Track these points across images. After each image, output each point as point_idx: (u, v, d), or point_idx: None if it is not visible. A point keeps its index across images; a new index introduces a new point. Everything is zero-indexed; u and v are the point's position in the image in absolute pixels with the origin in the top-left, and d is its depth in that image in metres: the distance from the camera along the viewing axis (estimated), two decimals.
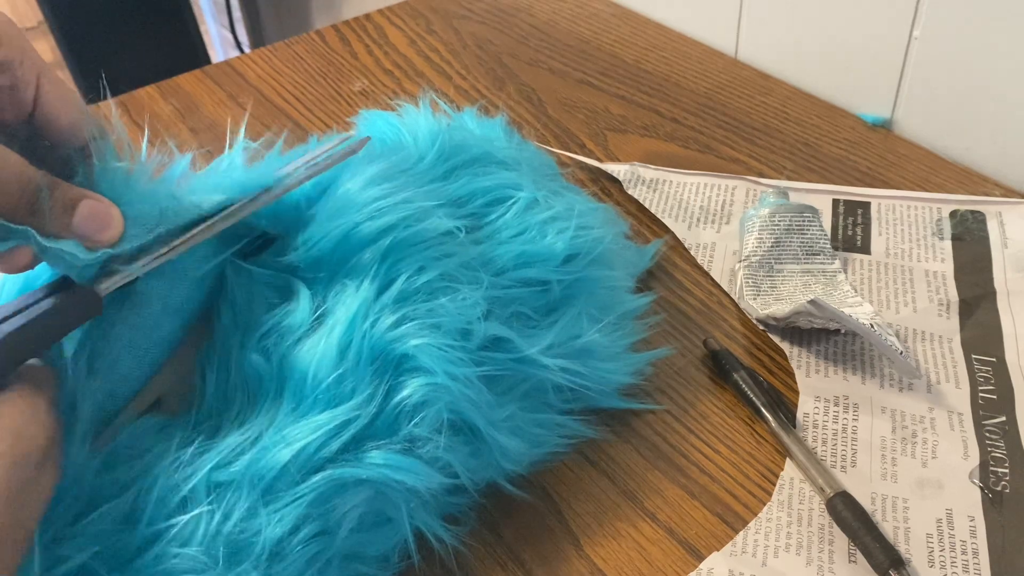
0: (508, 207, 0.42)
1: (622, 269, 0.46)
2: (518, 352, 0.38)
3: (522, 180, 0.43)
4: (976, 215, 0.53)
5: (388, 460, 0.33)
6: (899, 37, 0.59)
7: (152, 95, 0.70)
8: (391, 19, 0.79)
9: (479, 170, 0.43)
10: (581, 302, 0.41)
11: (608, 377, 0.41)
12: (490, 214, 0.42)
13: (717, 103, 0.65)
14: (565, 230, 0.41)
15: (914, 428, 0.42)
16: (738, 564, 0.37)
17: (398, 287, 0.36)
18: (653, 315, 0.47)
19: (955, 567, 0.36)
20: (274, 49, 0.76)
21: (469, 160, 0.43)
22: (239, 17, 1.65)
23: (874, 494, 0.39)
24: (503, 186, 0.42)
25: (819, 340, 0.46)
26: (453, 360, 0.35)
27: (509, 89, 0.68)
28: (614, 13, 0.78)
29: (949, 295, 0.48)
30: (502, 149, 0.45)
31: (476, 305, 0.37)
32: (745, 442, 0.42)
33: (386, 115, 0.47)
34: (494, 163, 0.44)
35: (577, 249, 0.41)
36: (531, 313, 0.40)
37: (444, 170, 0.42)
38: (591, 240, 0.42)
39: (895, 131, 0.62)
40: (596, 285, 0.42)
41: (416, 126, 0.44)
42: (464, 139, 0.44)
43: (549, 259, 0.41)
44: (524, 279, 0.40)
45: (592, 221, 0.43)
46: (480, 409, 0.36)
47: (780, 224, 0.49)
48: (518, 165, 0.44)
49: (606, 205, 0.46)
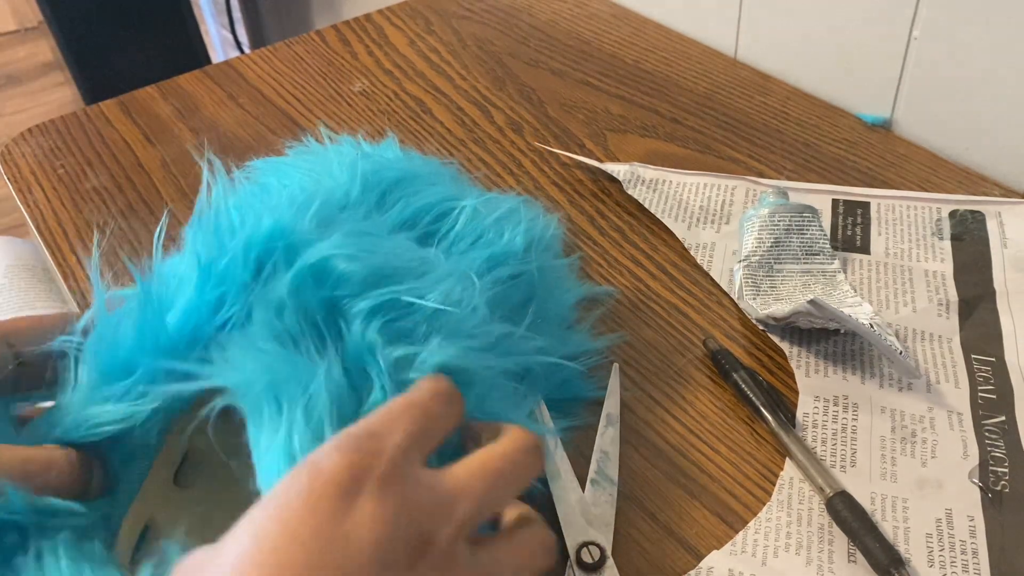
0: (455, 218, 0.42)
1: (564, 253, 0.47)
2: (534, 345, 0.39)
3: (453, 191, 0.43)
4: (976, 215, 0.53)
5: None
6: (899, 37, 0.59)
7: (152, 95, 0.70)
8: (391, 19, 0.79)
9: (408, 190, 0.42)
10: (549, 288, 0.43)
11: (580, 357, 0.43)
12: (440, 228, 0.42)
13: (717, 103, 0.65)
14: (518, 224, 0.42)
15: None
16: (738, 564, 0.37)
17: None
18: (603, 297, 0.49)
19: (955, 567, 0.36)
20: (274, 49, 0.76)
21: (392, 183, 0.42)
22: (239, 17, 1.66)
23: (874, 494, 0.39)
24: (443, 200, 0.42)
25: (819, 340, 0.46)
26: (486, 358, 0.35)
27: (509, 89, 0.68)
28: (614, 13, 0.78)
29: (949, 295, 0.48)
30: (416, 166, 0.45)
31: (478, 309, 0.37)
32: (745, 442, 0.42)
33: (284, 160, 0.45)
34: (417, 181, 0.43)
35: (530, 240, 0.42)
36: (515, 308, 0.40)
37: (375, 198, 0.41)
38: (540, 229, 0.44)
39: (895, 131, 0.62)
40: (555, 271, 0.44)
41: (328, 161, 0.43)
42: (378, 164, 0.43)
43: (513, 255, 0.41)
44: (498, 279, 0.40)
45: (530, 212, 0.44)
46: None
47: (780, 224, 0.49)
48: (439, 178, 0.45)
49: (526, 196, 0.46)
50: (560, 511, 0.38)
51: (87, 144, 0.65)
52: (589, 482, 0.39)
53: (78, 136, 0.66)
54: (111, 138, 0.65)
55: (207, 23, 1.84)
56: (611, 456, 0.40)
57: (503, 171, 0.60)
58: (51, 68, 2.11)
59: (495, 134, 0.64)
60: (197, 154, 0.63)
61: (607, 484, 0.39)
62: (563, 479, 0.39)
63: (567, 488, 0.38)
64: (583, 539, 0.37)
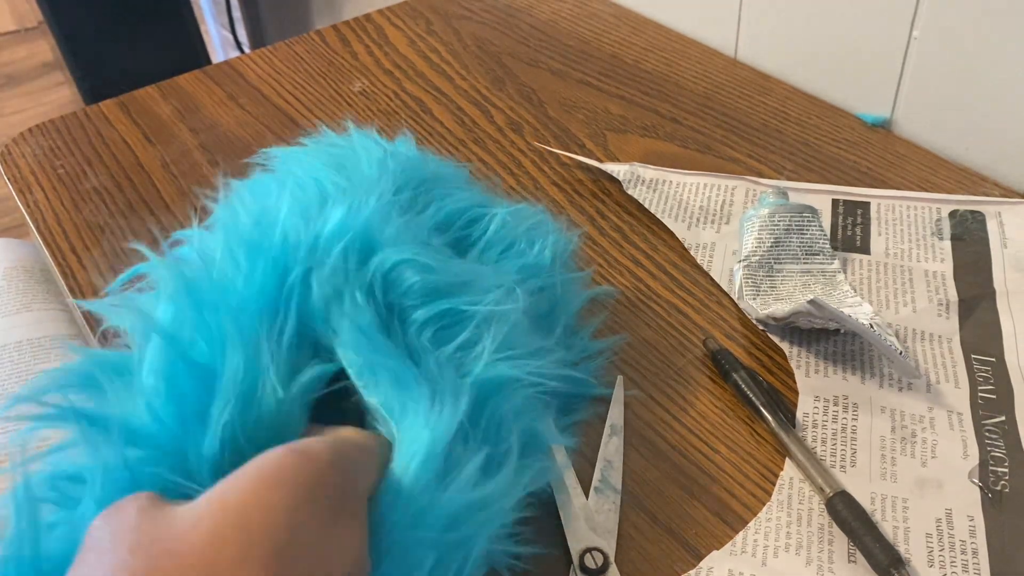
0: (486, 225, 0.42)
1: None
2: (558, 357, 0.39)
3: (481, 197, 0.44)
4: (975, 215, 0.53)
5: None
6: (899, 37, 0.59)
7: (152, 95, 0.70)
8: (391, 19, 0.79)
9: (437, 192, 0.42)
10: (567, 301, 0.43)
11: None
12: (472, 234, 0.42)
13: (717, 103, 0.65)
14: (546, 236, 0.42)
15: (913, 428, 0.42)
16: (738, 564, 0.37)
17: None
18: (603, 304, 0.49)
19: (955, 567, 0.36)
20: (274, 49, 0.76)
21: (419, 183, 0.42)
22: (239, 17, 1.66)
23: (874, 494, 0.39)
24: (474, 205, 0.43)
25: (819, 340, 0.46)
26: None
27: (509, 89, 0.68)
28: (614, 13, 0.78)
29: (948, 295, 0.48)
30: (439, 168, 0.45)
31: (520, 322, 0.37)
32: (745, 442, 0.42)
33: (304, 150, 0.44)
34: (443, 183, 0.43)
35: (555, 253, 0.43)
36: (539, 320, 0.41)
37: (406, 198, 0.41)
38: (564, 243, 0.44)
39: (894, 131, 0.62)
40: (572, 285, 0.44)
41: (355, 156, 0.42)
42: (405, 163, 0.43)
43: (543, 267, 0.42)
44: (530, 290, 0.40)
45: (555, 226, 0.44)
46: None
47: (780, 224, 0.49)
48: (461, 181, 0.45)
49: (541, 205, 0.46)
50: (564, 517, 0.38)
51: (87, 144, 0.65)
52: (593, 490, 0.39)
53: (78, 136, 0.66)
54: (111, 138, 0.65)
55: (207, 23, 1.84)
56: (615, 465, 0.41)
57: (503, 171, 0.60)
58: (51, 68, 2.11)
59: (495, 134, 0.64)
60: (198, 154, 0.63)
61: (611, 492, 0.39)
62: (568, 486, 0.39)
63: (572, 495, 0.39)
64: (587, 545, 0.37)
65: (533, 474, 0.35)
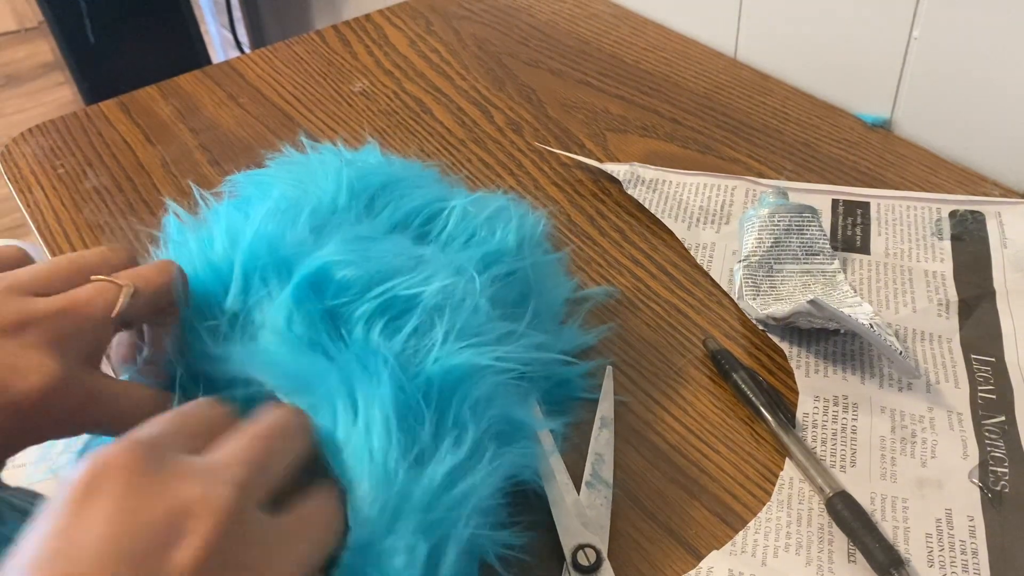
0: (446, 219, 0.42)
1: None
2: (534, 342, 0.39)
3: (440, 192, 0.44)
4: (975, 215, 0.53)
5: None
6: (898, 37, 0.59)
7: (152, 95, 0.70)
8: (391, 19, 0.79)
9: (395, 194, 0.42)
10: (543, 284, 0.43)
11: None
12: (432, 230, 0.42)
13: (717, 103, 0.65)
14: (509, 222, 0.42)
15: (913, 428, 0.42)
16: (738, 564, 0.37)
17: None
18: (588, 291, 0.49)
19: (955, 567, 0.36)
20: (274, 49, 0.76)
21: (378, 188, 0.42)
22: (239, 17, 1.66)
23: (873, 494, 0.39)
24: (431, 201, 0.43)
25: (819, 340, 0.46)
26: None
27: (509, 89, 0.68)
28: (614, 13, 0.78)
29: (948, 295, 0.48)
30: (400, 170, 0.45)
31: (481, 307, 0.37)
32: (744, 442, 0.42)
33: (265, 172, 0.45)
34: (402, 184, 0.43)
35: (522, 237, 0.43)
36: (512, 305, 0.41)
37: (363, 204, 0.41)
38: (530, 225, 0.44)
39: (894, 131, 0.62)
40: (547, 267, 0.44)
41: (312, 171, 0.43)
42: (363, 170, 0.43)
43: (507, 252, 0.41)
44: (495, 276, 0.40)
45: (519, 210, 0.44)
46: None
47: (779, 224, 0.49)
48: (423, 180, 0.45)
49: (512, 194, 0.46)
50: (556, 514, 0.38)
51: (87, 144, 0.65)
52: (584, 484, 0.39)
53: (78, 136, 0.66)
54: (111, 138, 0.65)
55: (207, 23, 1.84)
56: (606, 459, 0.40)
57: (503, 171, 0.60)
58: (51, 68, 2.11)
59: (495, 134, 0.64)
60: (198, 154, 0.63)
61: (602, 487, 0.39)
62: (558, 481, 0.39)
63: (562, 490, 0.38)
64: (579, 541, 0.37)
65: (513, 459, 0.35)
